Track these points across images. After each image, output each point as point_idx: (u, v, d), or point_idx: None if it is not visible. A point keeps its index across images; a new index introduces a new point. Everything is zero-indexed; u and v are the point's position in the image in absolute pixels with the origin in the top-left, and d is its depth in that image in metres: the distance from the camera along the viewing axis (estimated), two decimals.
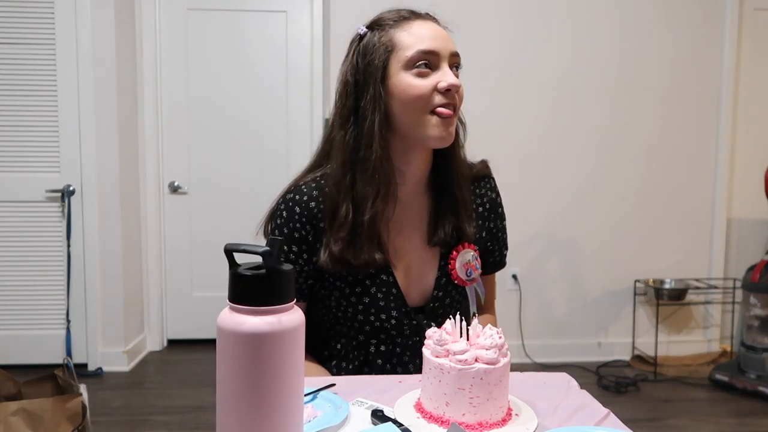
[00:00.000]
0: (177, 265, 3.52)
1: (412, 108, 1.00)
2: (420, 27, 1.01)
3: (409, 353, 1.10)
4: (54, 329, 3.07)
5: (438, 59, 1.00)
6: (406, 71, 1.00)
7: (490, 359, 0.77)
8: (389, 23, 1.03)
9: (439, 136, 1.00)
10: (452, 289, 1.11)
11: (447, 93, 0.99)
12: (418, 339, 1.09)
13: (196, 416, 2.57)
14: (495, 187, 1.20)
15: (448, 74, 0.99)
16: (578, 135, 3.30)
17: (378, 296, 1.06)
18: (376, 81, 1.00)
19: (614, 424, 0.81)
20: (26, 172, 3.01)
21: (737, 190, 3.46)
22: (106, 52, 3.01)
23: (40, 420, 1.62)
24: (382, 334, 1.09)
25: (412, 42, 1.00)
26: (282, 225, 1.06)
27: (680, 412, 2.71)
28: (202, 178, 3.48)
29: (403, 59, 1.00)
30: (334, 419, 0.79)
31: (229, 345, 0.58)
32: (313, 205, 1.05)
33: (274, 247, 0.58)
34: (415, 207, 1.10)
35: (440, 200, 1.10)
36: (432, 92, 0.99)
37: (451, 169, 1.08)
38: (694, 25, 3.30)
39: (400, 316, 1.08)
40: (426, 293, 1.10)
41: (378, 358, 1.10)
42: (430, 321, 1.10)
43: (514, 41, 3.23)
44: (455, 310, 1.12)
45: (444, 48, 1.00)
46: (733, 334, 3.47)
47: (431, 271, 1.10)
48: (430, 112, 1.00)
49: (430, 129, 1.00)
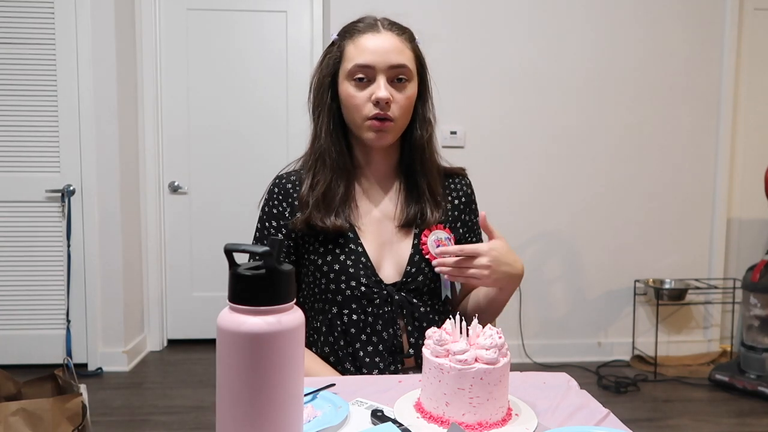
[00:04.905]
0: (177, 265, 3.52)
1: (351, 114, 1.15)
2: (367, 40, 1.13)
3: (381, 322, 1.15)
4: (54, 329, 3.07)
5: (374, 72, 1.12)
6: (348, 81, 1.14)
7: (490, 359, 0.77)
8: (347, 34, 1.16)
9: (374, 140, 1.15)
10: (425, 266, 1.18)
11: (379, 104, 1.11)
12: (390, 309, 1.16)
13: (196, 416, 2.57)
14: (470, 185, 1.32)
15: (380, 87, 1.11)
16: (577, 135, 3.30)
17: (347, 263, 1.15)
18: (328, 87, 1.17)
19: (614, 424, 0.81)
20: (26, 172, 3.01)
21: (737, 190, 3.46)
22: (106, 52, 3.01)
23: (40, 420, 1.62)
24: (353, 303, 1.15)
25: (354, 55, 1.13)
26: (264, 205, 1.23)
27: (680, 412, 2.71)
28: (202, 178, 3.48)
29: (345, 70, 1.14)
30: (334, 419, 0.79)
31: (229, 345, 0.58)
32: (289, 186, 1.21)
33: (273, 247, 0.58)
34: (386, 188, 1.24)
35: (408, 186, 1.22)
36: (366, 102, 1.12)
37: (414, 160, 1.21)
38: (694, 25, 3.30)
39: (369, 283, 1.15)
40: (399, 270, 1.18)
41: (351, 327, 1.15)
42: (402, 293, 1.17)
43: (511, 42, 3.23)
44: (429, 289, 1.20)
45: (381, 62, 1.11)
46: (733, 334, 3.47)
47: (406, 249, 1.19)
48: (366, 120, 1.13)
49: (366, 133, 1.14)
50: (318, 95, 1.19)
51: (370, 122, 1.12)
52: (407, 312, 1.16)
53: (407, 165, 1.22)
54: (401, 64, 1.12)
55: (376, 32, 1.13)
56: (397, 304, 1.16)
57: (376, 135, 1.13)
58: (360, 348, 1.15)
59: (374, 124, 1.12)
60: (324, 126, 1.18)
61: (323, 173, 1.17)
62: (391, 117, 1.12)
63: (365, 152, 1.22)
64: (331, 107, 1.17)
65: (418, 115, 1.20)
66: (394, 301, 1.16)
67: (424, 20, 3.17)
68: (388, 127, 1.13)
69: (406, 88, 1.14)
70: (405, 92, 1.14)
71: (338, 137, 1.18)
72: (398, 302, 1.16)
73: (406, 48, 1.15)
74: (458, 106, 3.19)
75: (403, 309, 1.16)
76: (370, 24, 1.15)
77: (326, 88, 1.17)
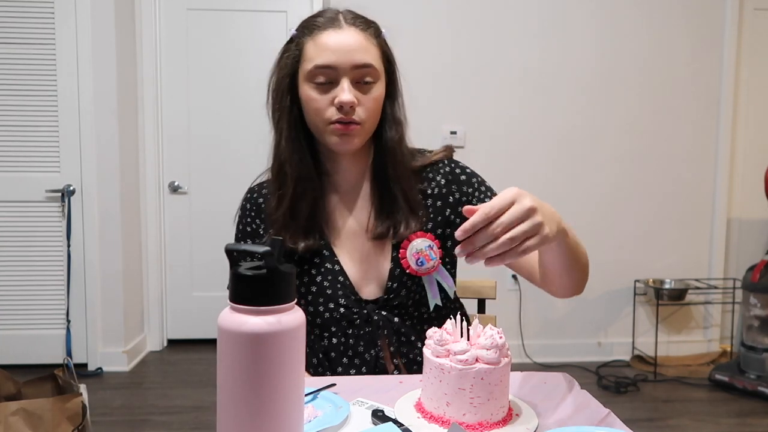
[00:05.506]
0: (177, 265, 3.52)
1: (312, 119, 1.04)
2: (328, 37, 1.00)
3: (363, 343, 1.08)
4: (54, 329, 3.07)
5: (336, 73, 1.00)
6: (308, 83, 1.02)
7: (490, 359, 0.77)
8: (306, 30, 1.04)
9: (338, 145, 1.04)
10: (408, 280, 1.08)
11: (342, 108, 1.00)
12: (370, 330, 1.08)
13: (196, 416, 2.57)
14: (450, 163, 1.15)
15: (344, 90, 0.99)
16: (577, 135, 3.30)
17: (324, 284, 1.08)
18: (287, 88, 1.06)
19: (614, 424, 0.81)
20: (26, 172, 3.01)
21: (737, 190, 3.46)
22: (106, 52, 3.01)
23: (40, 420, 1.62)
24: (332, 325, 1.09)
25: (313, 55, 1.01)
26: (238, 222, 1.16)
27: (680, 412, 2.71)
28: (202, 178, 3.48)
29: (305, 71, 1.02)
30: (334, 419, 0.79)
31: (230, 345, 0.58)
32: (261, 200, 1.14)
33: (274, 247, 0.58)
34: (359, 197, 1.13)
35: (381, 193, 1.10)
36: (329, 106, 1.01)
37: (386, 169, 1.09)
38: (694, 25, 3.30)
39: (349, 304, 1.07)
40: (381, 286, 1.09)
41: (332, 350, 1.09)
42: (383, 312, 1.08)
43: (512, 42, 3.23)
44: (414, 302, 1.10)
45: (344, 61, 0.99)
46: (733, 334, 3.47)
47: (385, 263, 1.09)
48: (329, 123, 1.02)
49: (330, 138, 1.04)
50: (276, 98, 1.08)
51: (334, 126, 1.02)
52: (388, 332, 1.08)
53: (379, 170, 1.10)
54: (366, 64, 1.01)
55: (338, 28, 1.01)
56: (376, 325, 1.08)
57: (341, 139, 1.03)
58: (342, 371, 1.08)
59: (338, 128, 1.01)
60: (284, 132, 1.07)
61: (286, 185, 1.07)
62: (357, 120, 1.02)
63: (332, 159, 1.11)
64: (291, 110, 1.06)
65: (388, 115, 1.08)
66: (373, 321, 1.08)
67: (424, 20, 3.18)
68: (353, 131, 1.02)
69: (373, 89, 1.03)
70: (371, 93, 1.03)
71: (300, 144, 1.07)
72: (377, 323, 1.08)
73: (371, 45, 1.03)
74: (458, 106, 3.19)
75: (385, 329, 1.08)
76: (330, 18, 1.03)
77: (285, 90, 1.06)
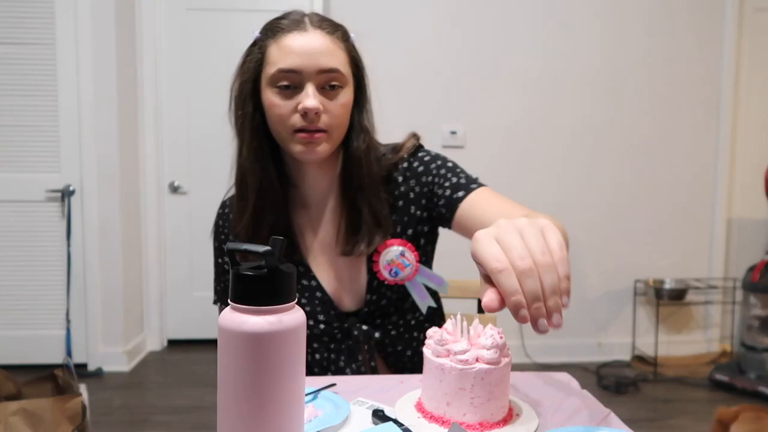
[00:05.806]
0: (177, 265, 3.52)
1: (275, 126, 0.99)
2: (292, 40, 0.96)
3: (344, 358, 1.07)
4: (54, 329, 3.07)
5: (301, 78, 0.96)
6: (271, 88, 0.98)
7: (491, 359, 0.77)
8: (270, 33, 1.00)
9: (303, 153, 0.98)
10: (387, 290, 1.06)
11: (307, 115, 0.95)
12: (351, 343, 1.07)
13: (196, 416, 2.57)
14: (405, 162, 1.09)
15: (308, 96, 0.95)
16: (577, 135, 3.30)
17: (302, 302, 1.04)
18: (249, 93, 1.01)
19: (615, 424, 0.81)
20: (26, 172, 3.01)
21: (737, 190, 3.46)
22: (106, 52, 3.01)
23: (40, 420, 1.62)
24: (314, 342, 1.07)
25: (276, 58, 0.96)
26: (214, 239, 1.14)
27: (680, 412, 2.71)
28: (202, 178, 3.48)
29: (268, 75, 0.97)
30: (334, 419, 0.79)
31: (231, 344, 0.58)
32: (233, 216, 1.09)
33: (275, 247, 0.58)
34: (327, 212, 1.08)
35: (349, 209, 1.05)
36: (292, 113, 0.96)
37: (352, 174, 1.04)
38: (694, 25, 3.30)
39: (329, 319, 1.06)
40: (360, 298, 1.07)
41: (315, 366, 1.08)
42: (363, 326, 1.07)
43: (512, 42, 3.23)
44: (397, 309, 1.08)
45: (309, 66, 0.95)
46: (733, 334, 3.47)
47: (362, 275, 1.07)
48: (294, 131, 0.97)
49: (294, 146, 0.98)
50: (238, 104, 1.02)
51: (298, 134, 0.97)
52: (369, 347, 1.06)
53: (347, 181, 1.05)
54: (332, 69, 0.96)
55: (303, 31, 0.97)
56: (356, 339, 1.06)
57: (306, 148, 0.97)
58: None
59: (303, 136, 0.97)
60: (246, 140, 1.01)
61: (248, 197, 1.02)
62: (323, 128, 0.97)
63: (298, 169, 1.06)
64: (254, 117, 1.00)
65: (355, 124, 1.04)
66: (353, 336, 1.06)
67: (424, 19, 3.18)
68: (318, 139, 0.97)
69: (339, 95, 0.98)
70: (338, 100, 0.98)
71: (263, 153, 1.01)
72: (357, 337, 1.06)
73: (338, 49, 0.98)
74: (458, 106, 3.19)
75: (365, 344, 1.06)
76: (295, 21, 0.99)
77: (247, 96, 1.00)
